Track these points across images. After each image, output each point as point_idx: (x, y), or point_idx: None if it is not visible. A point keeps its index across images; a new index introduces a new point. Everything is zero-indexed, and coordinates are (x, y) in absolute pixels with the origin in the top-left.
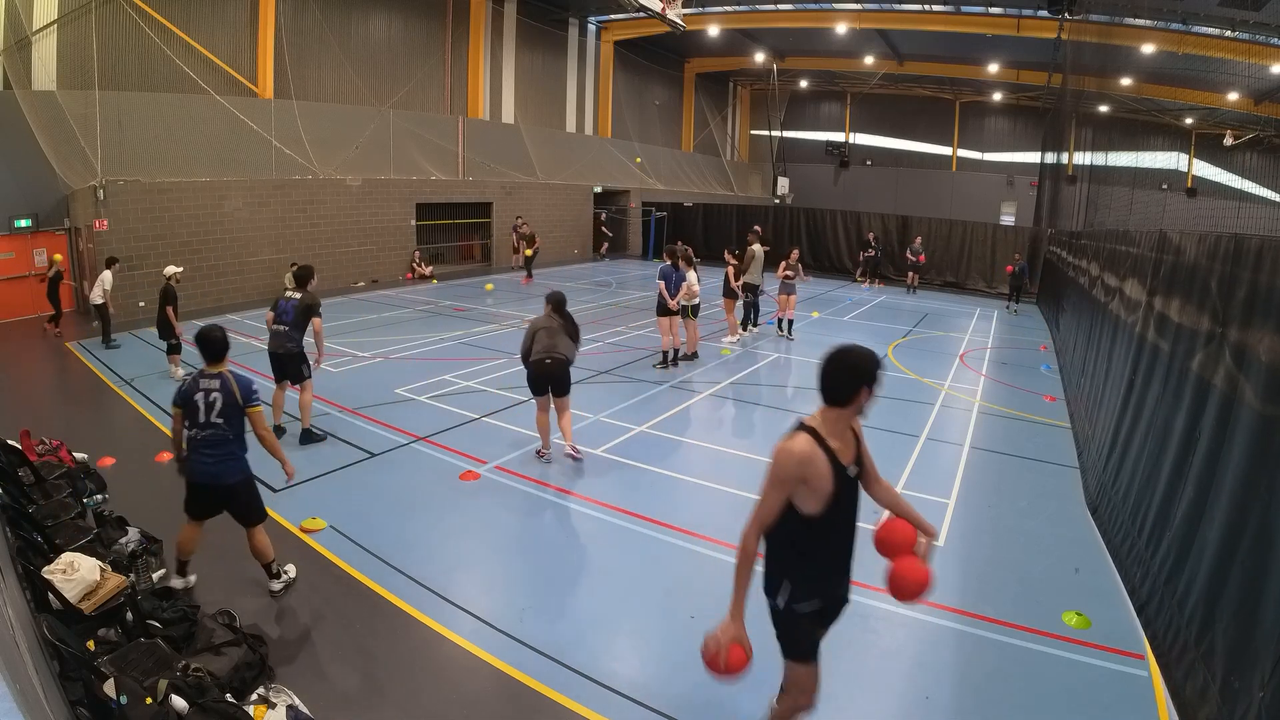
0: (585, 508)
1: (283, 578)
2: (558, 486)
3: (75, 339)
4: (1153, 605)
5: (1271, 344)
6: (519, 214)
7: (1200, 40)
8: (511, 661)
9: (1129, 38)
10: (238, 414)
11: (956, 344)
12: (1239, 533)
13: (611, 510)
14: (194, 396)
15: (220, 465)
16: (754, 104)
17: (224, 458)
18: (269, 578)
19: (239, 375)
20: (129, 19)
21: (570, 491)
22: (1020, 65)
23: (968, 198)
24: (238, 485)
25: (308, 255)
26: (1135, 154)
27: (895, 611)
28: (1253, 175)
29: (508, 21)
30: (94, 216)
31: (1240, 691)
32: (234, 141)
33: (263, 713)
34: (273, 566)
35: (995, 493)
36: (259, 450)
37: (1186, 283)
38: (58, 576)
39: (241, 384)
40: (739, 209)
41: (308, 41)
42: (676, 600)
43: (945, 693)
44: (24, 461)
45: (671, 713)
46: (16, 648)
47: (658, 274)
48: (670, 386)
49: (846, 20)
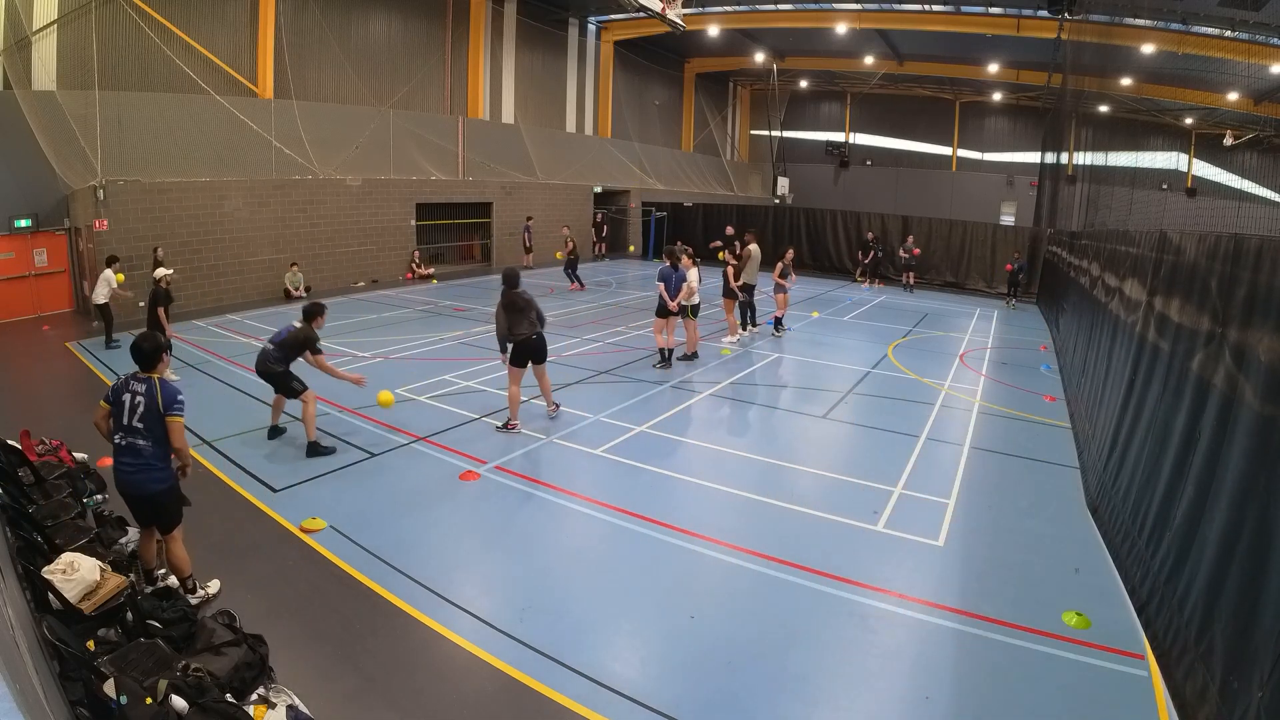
0: (585, 508)
1: (199, 593)
2: (558, 486)
3: (75, 339)
4: (1153, 605)
5: (1271, 344)
6: (529, 215)
7: (1200, 40)
8: (511, 661)
9: (1129, 38)
10: (158, 421)
11: (956, 344)
12: (1239, 532)
13: (611, 510)
14: (122, 395)
15: (139, 474)
16: (754, 104)
17: (141, 467)
18: (184, 592)
19: (166, 384)
20: (129, 19)
21: (570, 491)
22: (1020, 65)
23: (968, 198)
24: (160, 494)
25: (308, 255)
26: (1135, 154)
27: (895, 611)
28: (1253, 175)
29: (508, 21)
30: (94, 216)
31: (1239, 691)
32: (234, 141)
33: (263, 713)
34: (189, 581)
35: (995, 493)
36: (258, 449)
37: (1186, 283)
38: (58, 576)
39: (166, 392)
40: (739, 209)
41: (308, 41)
42: (676, 600)
43: (945, 693)
44: (24, 461)
45: (671, 712)
46: (16, 648)
47: (657, 275)
48: (670, 386)
49: (846, 20)
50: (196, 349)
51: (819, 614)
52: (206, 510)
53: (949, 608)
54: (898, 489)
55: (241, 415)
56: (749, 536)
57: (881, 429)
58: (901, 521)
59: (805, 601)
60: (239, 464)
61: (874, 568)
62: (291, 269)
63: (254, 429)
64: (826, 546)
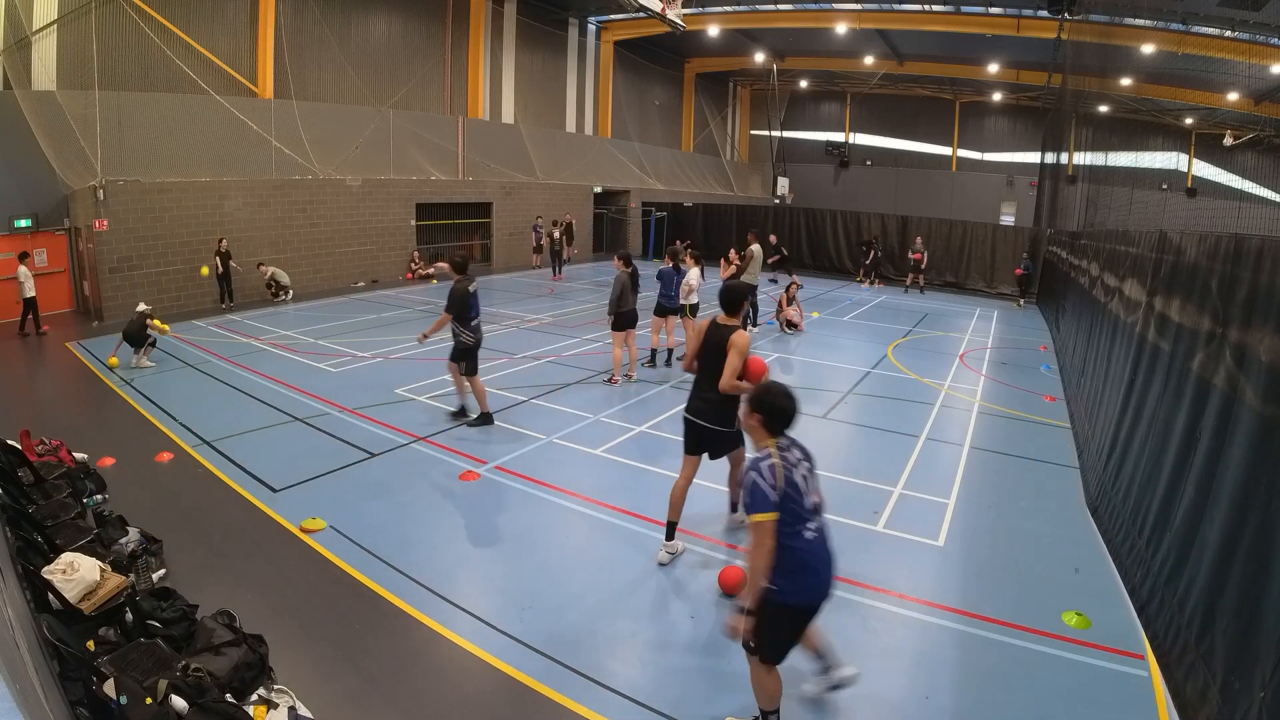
0: (585, 507)
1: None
2: (557, 486)
3: (75, 339)
4: (1153, 605)
5: (1272, 344)
6: (539, 214)
7: (1200, 40)
8: (511, 661)
9: (1129, 38)
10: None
11: (956, 344)
12: (1239, 533)
13: (611, 510)
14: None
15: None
16: (754, 104)
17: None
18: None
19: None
20: (129, 19)
21: (570, 491)
22: (1020, 65)
23: (968, 198)
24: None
25: (308, 255)
26: (1135, 154)
27: (895, 611)
28: (1253, 175)
29: (508, 21)
30: (94, 216)
31: (1240, 692)
32: (234, 141)
33: (263, 713)
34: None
35: (995, 493)
36: (259, 449)
37: (1187, 283)
38: (58, 576)
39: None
40: (739, 209)
41: (308, 41)
42: (676, 600)
43: (945, 693)
44: (24, 461)
45: (671, 712)
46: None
47: (656, 275)
48: (670, 386)
49: (846, 20)
50: (196, 349)
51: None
52: (206, 510)
53: (949, 608)
54: (898, 489)
55: (241, 415)
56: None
57: (881, 429)
58: (901, 521)
59: None
60: (239, 464)
61: (874, 568)
62: (266, 273)
63: (254, 429)
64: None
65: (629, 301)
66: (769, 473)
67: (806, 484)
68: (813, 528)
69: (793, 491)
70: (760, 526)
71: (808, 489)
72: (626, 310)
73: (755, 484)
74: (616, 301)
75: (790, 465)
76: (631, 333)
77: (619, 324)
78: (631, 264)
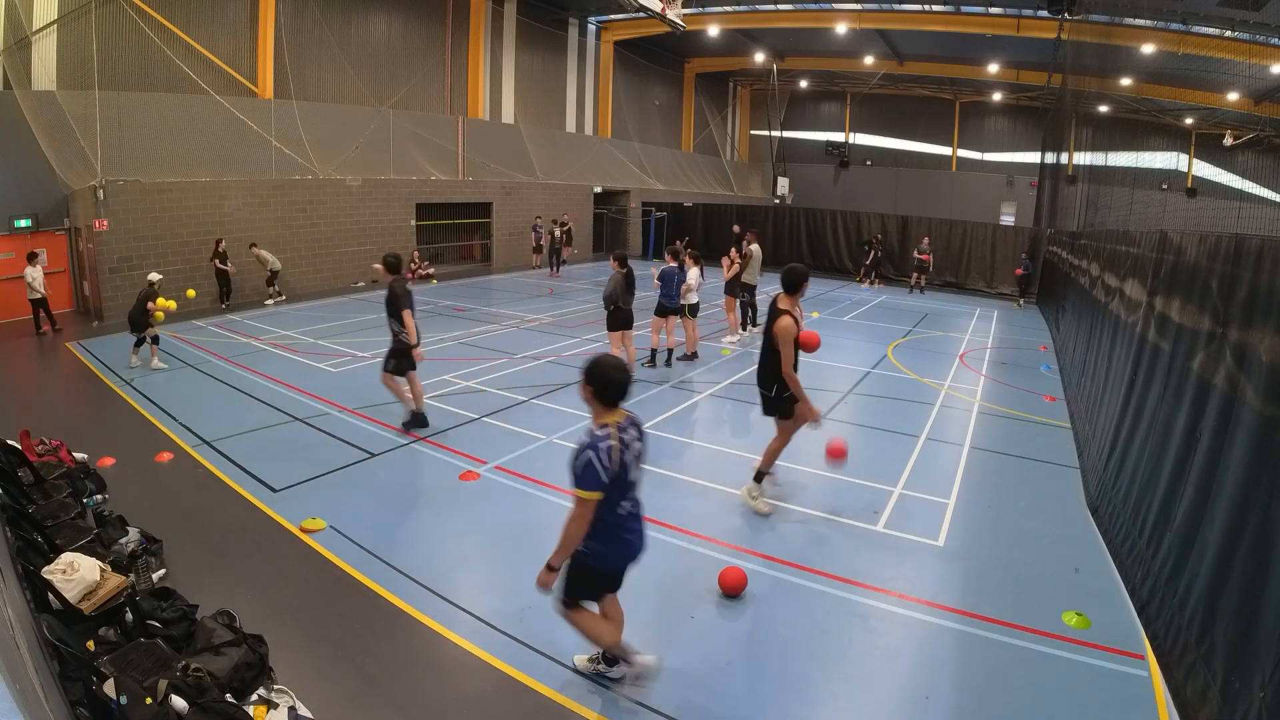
0: None
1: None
2: (557, 486)
3: (75, 339)
4: (1153, 605)
5: (1272, 344)
6: (538, 214)
7: (1200, 40)
8: (511, 661)
9: (1129, 38)
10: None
11: (956, 344)
12: (1240, 533)
13: None
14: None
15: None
16: (754, 104)
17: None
18: None
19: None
20: (129, 19)
21: (570, 491)
22: (1020, 65)
23: (968, 198)
24: None
25: (308, 255)
26: (1135, 154)
27: (895, 611)
28: (1253, 175)
29: (508, 21)
30: (94, 216)
31: (1240, 692)
32: (234, 141)
33: (263, 713)
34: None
35: (995, 493)
36: (259, 449)
37: (1187, 283)
38: (58, 576)
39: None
40: (739, 209)
41: (308, 41)
42: (676, 600)
43: (945, 693)
44: (24, 461)
45: (671, 713)
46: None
47: (657, 275)
48: (670, 386)
49: (846, 20)
50: (196, 349)
51: (819, 614)
52: (206, 510)
53: (949, 608)
54: (898, 489)
55: (241, 415)
56: (749, 536)
57: (881, 429)
58: (901, 521)
59: (805, 601)
60: (239, 464)
61: (874, 568)
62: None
63: (254, 429)
64: (826, 546)
65: (625, 302)
66: (606, 455)
67: (636, 463)
68: (629, 503)
69: (622, 473)
70: (584, 502)
71: (635, 468)
72: (622, 311)
73: (590, 463)
74: (611, 298)
75: (625, 446)
76: (628, 333)
77: (614, 325)
78: (627, 264)
